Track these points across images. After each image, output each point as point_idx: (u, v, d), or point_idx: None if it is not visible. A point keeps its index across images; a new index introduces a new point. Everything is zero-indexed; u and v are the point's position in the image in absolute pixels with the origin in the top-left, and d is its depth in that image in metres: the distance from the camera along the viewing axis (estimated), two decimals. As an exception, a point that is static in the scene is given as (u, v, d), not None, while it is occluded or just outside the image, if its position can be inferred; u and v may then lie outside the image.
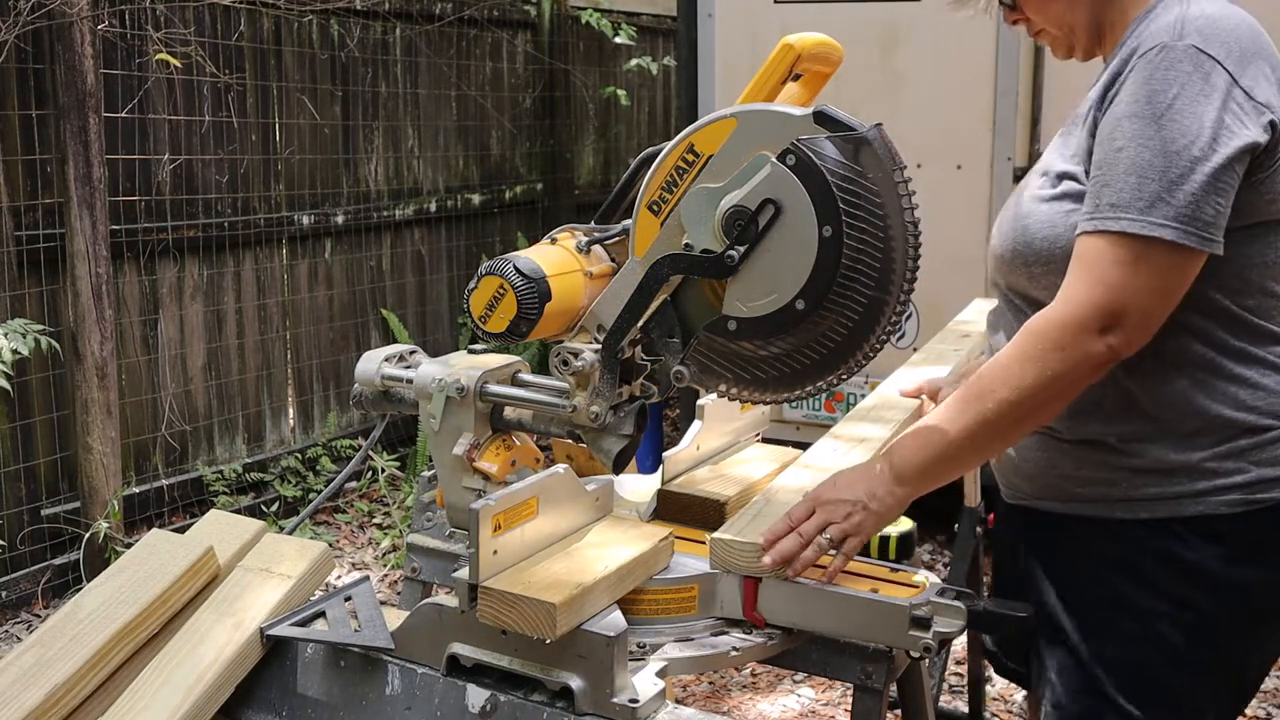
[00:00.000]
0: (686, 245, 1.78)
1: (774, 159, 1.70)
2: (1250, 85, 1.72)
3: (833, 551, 1.84)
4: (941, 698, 3.46)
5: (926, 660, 1.89)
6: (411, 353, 2.09)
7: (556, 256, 1.88)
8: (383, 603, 1.93)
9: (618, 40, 7.50)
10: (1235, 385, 1.80)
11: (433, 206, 6.64)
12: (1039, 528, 1.97)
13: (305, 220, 5.88)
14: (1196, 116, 1.68)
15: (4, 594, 4.57)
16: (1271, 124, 1.72)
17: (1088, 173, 1.79)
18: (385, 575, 5.07)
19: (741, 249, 1.73)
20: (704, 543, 1.91)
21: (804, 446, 2.31)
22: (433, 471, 2.07)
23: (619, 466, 1.92)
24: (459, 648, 1.75)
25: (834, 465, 2.21)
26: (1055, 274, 1.80)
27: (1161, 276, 1.71)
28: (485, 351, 2.04)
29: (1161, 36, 1.74)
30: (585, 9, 7.31)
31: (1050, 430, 1.91)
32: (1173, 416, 1.82)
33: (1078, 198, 1.80)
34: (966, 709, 3.46)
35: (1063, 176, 1.84)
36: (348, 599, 1.93)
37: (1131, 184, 1.69)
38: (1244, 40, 1.75)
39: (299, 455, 5.84)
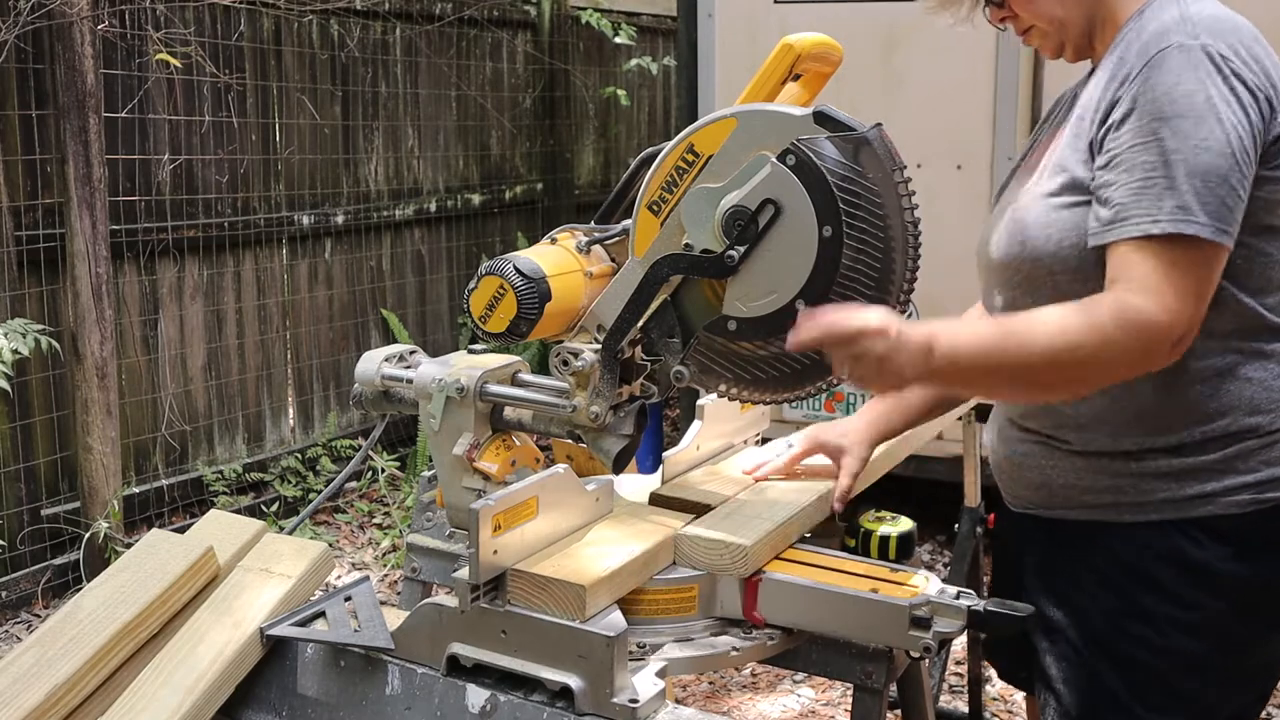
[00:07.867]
0: (686, 245, 1.78)
1: (774, 159, 1.70)
2: (1261, 82, 1.72)
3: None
4: (941, 698, 3.46)
5: (926, 660, 1.89)
6: (411, 353, 2.09)
7: (556, 256, 1.88)
8: (383, 603, 1.93)
9: (618, 40, 7.49)
10: (1249, 387, 1.80)
11: (433, 206, 6.64)
12: (1044, 534, 1.95)
13: (305, 220, 5.88)
14: (1233, 115, 1.68)
15: (4, 594, 4.56)
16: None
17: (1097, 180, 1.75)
18: (385, 575, 5.06)
19: (741, 249, 1.73)
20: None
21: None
22: (433, 471, 2.07)
23: (619, 466, 1.92)
24: (459, 648, 1.75)
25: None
26: (1073, 278, 1.77)
27: (1213, 283, 1.71)
28: (485, 351, 2.04)
29: (1175, 36, 1.72)
30: (585, 9, 7.31)
31: (1054, 440, 1.90)
32: (1184, 425, 1.81)
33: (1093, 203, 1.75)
34: (966, 709, 3.46)
35: (1076, 184, 1.79)
36: (348, 599, 1.93)
37: (1197, 187, 1.66)
38: (1246, 39, 1.75)
39: (299, 455, 5.84)
